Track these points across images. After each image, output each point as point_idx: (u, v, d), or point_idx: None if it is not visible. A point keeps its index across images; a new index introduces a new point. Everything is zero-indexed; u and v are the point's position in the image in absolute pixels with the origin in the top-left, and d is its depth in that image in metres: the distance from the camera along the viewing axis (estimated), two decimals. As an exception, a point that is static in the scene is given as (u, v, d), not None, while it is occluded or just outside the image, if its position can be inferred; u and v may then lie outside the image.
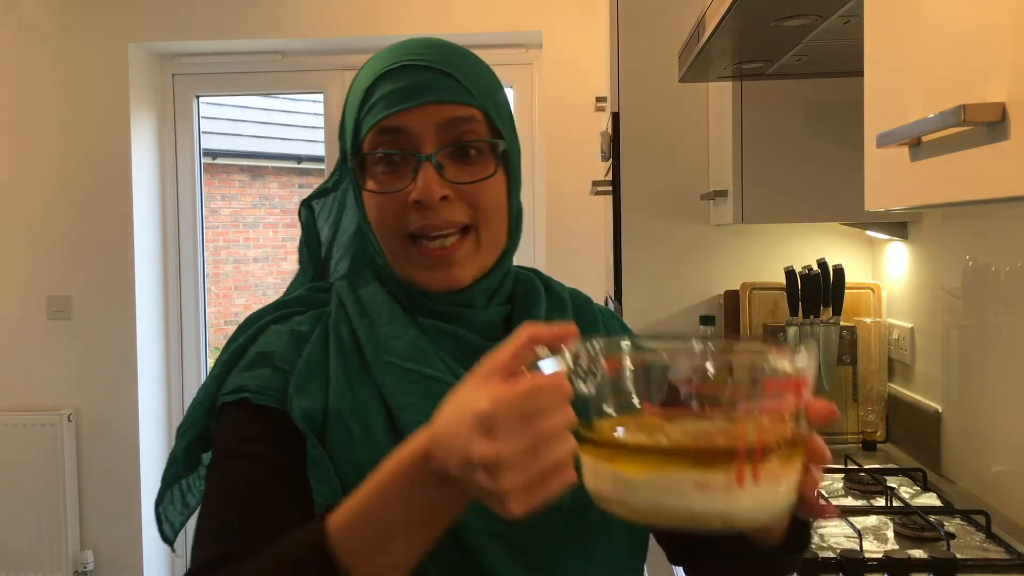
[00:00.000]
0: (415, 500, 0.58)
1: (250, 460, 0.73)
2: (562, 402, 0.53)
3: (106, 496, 3.19)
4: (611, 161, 2.22)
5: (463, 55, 0.81)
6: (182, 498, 0.91)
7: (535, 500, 0.53)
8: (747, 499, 0.52)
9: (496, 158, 0.80)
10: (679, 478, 0.51)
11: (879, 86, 0.87)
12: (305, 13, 3.08)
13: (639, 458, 0.53)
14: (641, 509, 0.53)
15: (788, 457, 0.53)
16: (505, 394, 0.53)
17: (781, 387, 0.53)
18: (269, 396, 0.75)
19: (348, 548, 0.59)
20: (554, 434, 0.52)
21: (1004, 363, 1.53)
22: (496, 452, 0.51)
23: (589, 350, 0.55)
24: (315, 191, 0.91)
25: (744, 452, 0.51)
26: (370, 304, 0.81)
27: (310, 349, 0.78)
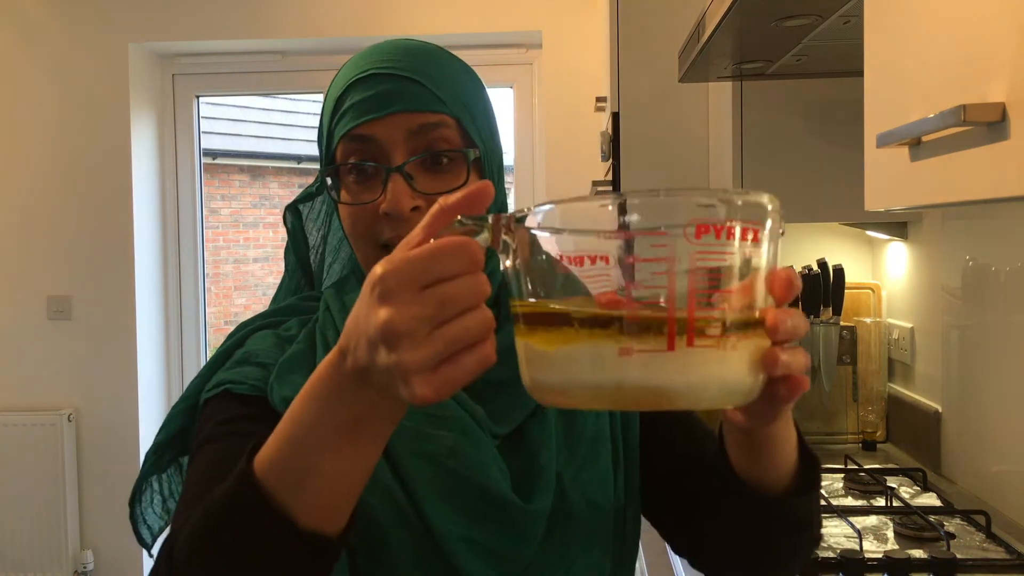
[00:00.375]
0: (336, 408, 0.53)
1: (234, 436, 0.72)
2: (468, 266, 0.47)
3: (106, 496, 3.19)
4: (611, 161, 2.22)
5: (436, 59, 0.79)
6: (163, 503, 0.90)
7: (445, 380, 0.47)
8: (682, 367, 0.45)
9: (468, 166, 0.77)
10: (599, 346, 0.45)
11: (879, 86, 0.87)
12: (305, 13, 3.08)
13: (557, 329, 0.47)
14: (563, 387, 0.48)
15: (736, 324, 0.46)
16: (400, 256, 0.47)
17: (728, 234, 0.45)
18: (250, 386, 0.75)
19: (276, 473, 0.54)
20: (459, 300, 0.47)
21: (1004, 363, 1.53)
22: (389, 319, 0.46)
23: (511, 218, 0.49)
24: (300, 195, 0.91)
25: (673, 310, 0.44)
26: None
27: (295, 347, 0.79)
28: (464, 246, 0.47)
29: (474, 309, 0.47)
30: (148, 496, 0.89)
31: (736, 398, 0.48)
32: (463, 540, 0.71)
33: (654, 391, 0.46)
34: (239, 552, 0.55)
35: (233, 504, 0.55)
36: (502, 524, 0.72)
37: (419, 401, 0.47)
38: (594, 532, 0.77)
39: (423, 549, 0.71)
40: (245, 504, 0.54)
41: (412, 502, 0.72)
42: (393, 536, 0.71)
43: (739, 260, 0.46)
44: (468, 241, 0.47)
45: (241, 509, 0.55)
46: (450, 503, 0.72)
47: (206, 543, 0.56)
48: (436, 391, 0.47)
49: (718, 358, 0.46)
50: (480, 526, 0.72)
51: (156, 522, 0.90)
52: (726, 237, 0.45)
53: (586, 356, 0.46)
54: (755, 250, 0.47)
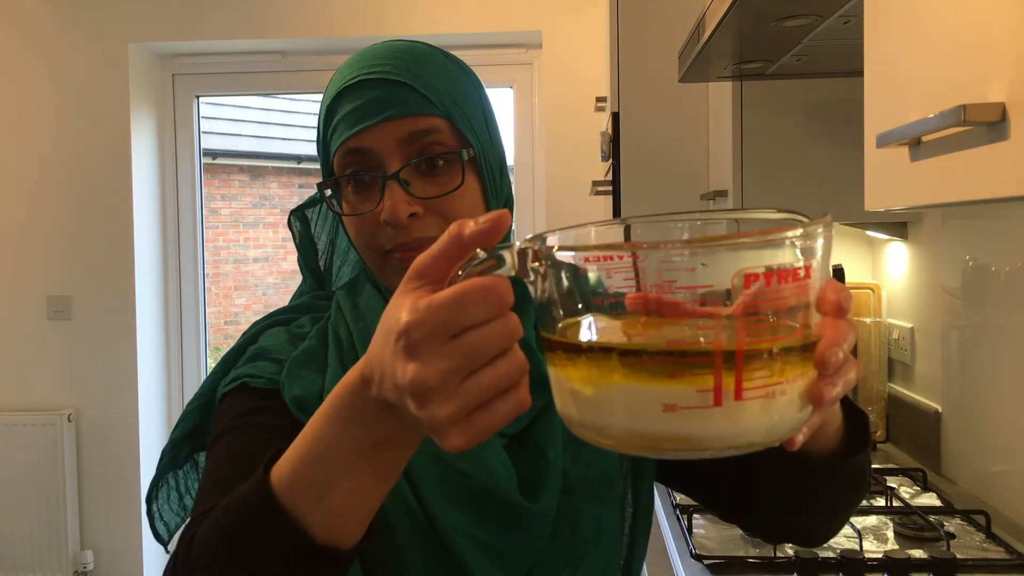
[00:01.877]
0: (358, 431, 0.52)
1: (251, 427, 0.73)
2: (497, 309, 0.44)
3: (106, 496, 3.19)
4: (611, 161, 2.22)
5: (425, 59, 0.78)
6: (179, 499, 0.91)
7: (478, 430, 0.45)
8: (728, 420, 0.42)
9: (463, 166, 0.77)
10: (640, 396, 0.42)
11: (879, 86, 0.87)
12: (305, 13, 3.08)
13: (594, 369, 0.43)
14: (598, 429, 0.45)
15: (786, 365, 0.43)
16: (425, 304, 0.44)
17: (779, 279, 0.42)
18: (266, 380, 0.76)
19: (293, 487, 0.54)
20: (489, 348, 0.44)
21: (1004, 363, 1.53)
22: (417, 375, 0.44)
23: (537, 244, 0.45)
24: (307, 201, 0.91)
25: (720, 360, 0.41)
26: (366, 309, 0.81)
27: (307, 343, 0.79)
28: (491, 289, 0.44)
29: (506, 353, 0.45)
30: (164, 492, 0.90)
31: (781, 436, 0.45)
32: (470, 539, 0.71)
33: (697, 443, 0.43)
34: (254, 562, 0.55)
35: (250, 515, 0.55)
36: (509, 524, 0.73)
37: (452, 450, 0.45)
38: (600, 530, 0.77)
39: (431, 548, 0.72)
40: (262, 516, 0.54)
41: (420, 502, 0.72)
42: (401, 535, 0.72)
43: (791, 302, 0.43)
44: (495, 283, 0.44)
45: (258, 521, 0.55)
46: (458, 503, 0.72)
47: (222, 549, 0.56)
48: (469, 440, 0.45)
49: (765, 406, 0.43)
50: (487, 526, 0.72)
51: (172, 518, 0.91)
52: (777, 282, 0.42)
53: (624, 404, 0.43)
54: (806, 286, 0.43)
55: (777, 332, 0.43)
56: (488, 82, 3.85)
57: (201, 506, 0.67)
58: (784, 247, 0.42)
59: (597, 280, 0.45)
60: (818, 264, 0.44)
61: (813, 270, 0.43)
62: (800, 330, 0.44)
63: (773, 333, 0.42)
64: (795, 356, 0.44)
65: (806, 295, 0.44)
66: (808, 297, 0.44)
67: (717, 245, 0.43)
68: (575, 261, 0.45)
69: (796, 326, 0.44)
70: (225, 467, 0.71)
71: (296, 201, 0.90)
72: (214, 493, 0.67)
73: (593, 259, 0.44)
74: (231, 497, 0.58)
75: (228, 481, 0.67)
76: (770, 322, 0.42)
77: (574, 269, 0.45)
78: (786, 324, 0.43)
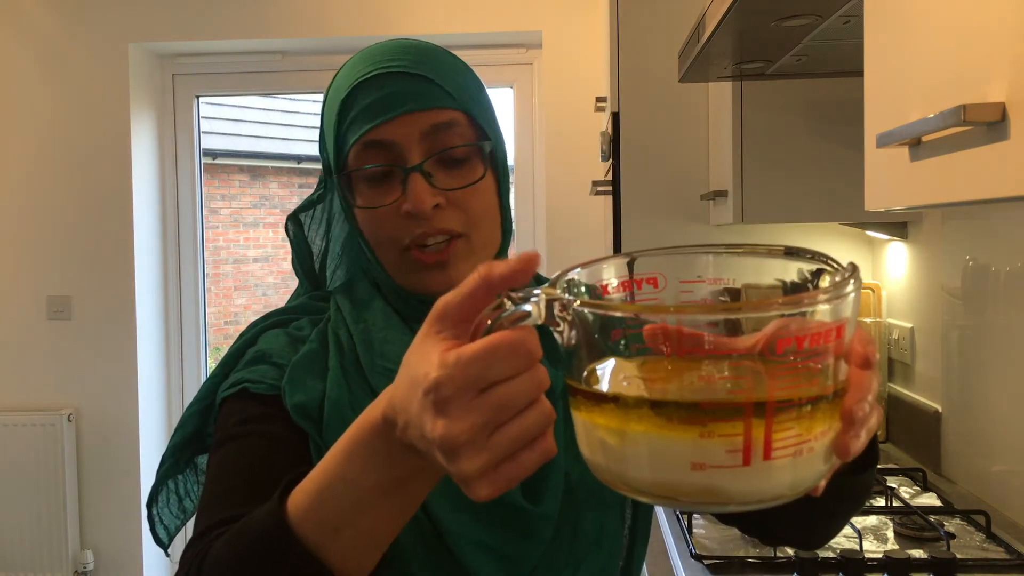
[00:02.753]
0: (380, 470, 0.52)
1: (253, 435, 0.73)
2: (526, 363, 0.45)
3: (106, 496, 3.19)
4: (611, 161, 2.22)
5: (439, 56, 0.79)
6: (179, 502, 0.90)
7: (505, 479, 0.45)
8: (755, 479, 0.42)
9: (483, 160, 0.78)
10: (667, 451, 0.42)
11: (879, 86, 0.87)
12: (305, 13, 3.08)
13: (621, 420, 0.43)
14: (621, 479, 0.45)
15: (814, 422, 0.43)
16: (454, 360, 0.44)
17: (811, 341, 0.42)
18: (267, 385, 0.76)
19: (310, 520, 0.54)
20: (518, 402, 0.45)
21: (1004, 363, 1.53)
22: (448, 431, 0.44)
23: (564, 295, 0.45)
24: (302, 204, 0.90)
25: (750, 420, 0.41)
26: (366, 311, 0.81)
27: (307, 347, 0.79)
28: (520, 344, 0.44)
29: (533, 404, 0.45)
30: (164, 496, 0.90)
31: (808, 487, 0.45)
32: (474, 542, 0.71)
33: (723, 498, 0.43)
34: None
35: (265, 543, 0.55)
36: (512, 527, 0.73)
37: (479, 499, 0.45)
38: (602, 531, 0.77)
39: (434, 551, 0.72)
40: (277, 546, 0.55)
41: (423, 505, 0.72)
42: (405, 539, 0.71)
43: (822, 361, 0.43)
44: (524, 338, 0.44)
45: (273, 550, 0.55)
46: (461, 506, 0.72)
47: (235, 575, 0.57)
48: (497, 491, 0.45)
49: (793, 463, 0.43)
50: (490, 529, 0.72)
51: (172, 522, 0.90)
52: (809, 345, 0.42)
53: (651, 457, 0.43)
54: (838, 344, 0.43)
55: (807, 391, 0.42)
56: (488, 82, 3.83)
57: (204, 520, 0.66)
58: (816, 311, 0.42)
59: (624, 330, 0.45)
60: (850, 319, 0.43)
61: (846, 327, 0.43)
62: (829, 386, 0.44)
63: (803, 393, 0.42)
64: (823, 411, 0.43)
65: (837, 351, 0.43)
66: (839, 352, 0.44)
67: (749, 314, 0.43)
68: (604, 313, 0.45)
69: (827, 383, 0.43)
70: (227, 478, 0.70)
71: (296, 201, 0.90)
72: (216, 505, 0.67)
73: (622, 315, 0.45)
74: (245, 523, 0.58)
75: (231, 494, 0.68)
76: (800, 383, 0.42)
77: (602, 320, 0.45)
78: (816, 383, 0.43)
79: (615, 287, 0.50)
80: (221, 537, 0.60)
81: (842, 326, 0.43)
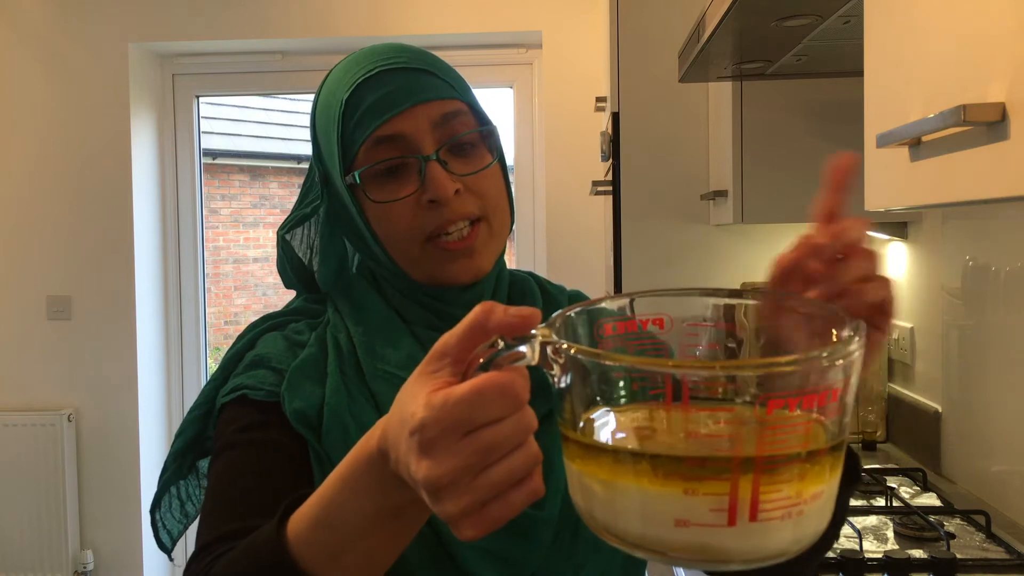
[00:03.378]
0: (377, 498, 0.52)
1: (253, 444, 0.73)
2: (513, 406, 0.44)
3: (106, 496, 3.19)
4: (611, 161, 2.22)
5: (432, 54, 0.82)
6: (181, 507, 0.90)
7: (491, 520, 0.45)
8: (742, 539, 0.41)
9: (489, 146, 0.80)
10: (653, 506, 0.41)
11: (879, 86, 0.87)
12: (305, 13, 3.08)
13: (608, 470, 0.43)
14: (610, 529, 0.44)
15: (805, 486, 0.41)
16: (441, 401, 0.44)
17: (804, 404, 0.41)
18: (266, 392, 0.76)
19: (309, 547, 0.55)
20: (504, 445, 0.44)
21: (1004, 363, 1.53)
22: (430, 473, 0.44)
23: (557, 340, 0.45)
24: (295, 221, 0.88)
25: (737, 480, 0.40)
26: (366, 314, 0.81)
27: (307, 351, 0.79)
28: (508, 387, 0.44)
29: (520, 447, 0.45)
30: (167, 501, 0.89)
31: (809, 543, 0.44)
32: (473, 547, 0.71)
33: (718, 557, 0.42)
34: None
35: (264, 571, 0.56)
36: (513, 531, 0.72)
37: (466, 539, 0.45)
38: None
39: (434, 556, 0.72)
40: (277, 573, 0.55)
41: None
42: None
43: (816, 420, 0.41)
44: (512, 381, 0.44)
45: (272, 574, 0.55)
46: None
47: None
48: (483, 531, 0.45)
49: (781, 526, 0.41)
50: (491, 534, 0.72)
51: (175, 527, 0.90)
52: (801, 408, 0.40)
53: (636, 510, 0.42)
54: (835, 407, 0.42)
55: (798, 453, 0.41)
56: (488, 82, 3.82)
57: (207, 532, 0.67)
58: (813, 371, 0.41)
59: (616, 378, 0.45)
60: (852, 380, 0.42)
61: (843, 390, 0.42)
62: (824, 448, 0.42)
63: (794, 454, 0.41)
64: (816, 472, 0.42)
65: (838, 411, 0.42)
66: (839, 412, 0.42)
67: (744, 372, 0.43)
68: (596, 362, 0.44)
69: (822, 441, 0.42)
70: (226, 489, 0.70)
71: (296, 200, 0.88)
72: (218, 517, 0.67)
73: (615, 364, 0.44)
74: (244, 547, 0.58)
75: (231, 505, 0.68)
76: (792, 443, 0.41)
77: (594, 368, 0.45)
78: (808, 444, 0.41)
79: (618, 329, 0.49)
80: (221, 558, 0.60)
81: (840, 388, 0.41)
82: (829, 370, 0.41)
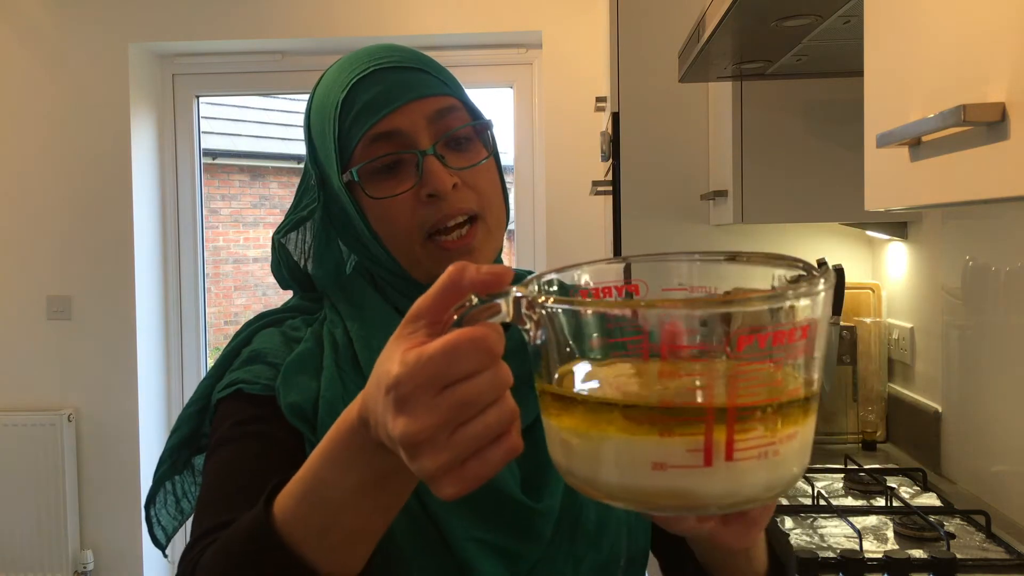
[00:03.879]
0: (360, 469, 0.52)
1: (249, 438, 0.73)
2: (487, 360, 0.44)
3: (106, 496, 3.19)
4: (611, 161, 2.22)
5: (423, 54, 0.83)
6: (176, 503, 0.91)
7: (471, 478, 0.45)
8: (719, 480, 0.41)
9: (484, 141, 0.81)
10: (629, 451, 0.42)
11: (879, 86, 0.87)
12: (305, 13, 3.08)
13: (585, 421, 0.43)
14: (590, 481, 0.44)
15: (780, 424, 0.42)
16: (415, 358, 0.44)
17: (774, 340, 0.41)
18: (262, 386, 0.76)
19: (296, 524, 0.54)
20: (479, 400, 0.44)
21: (1004, 363, 1.53)
22: (407, 429, 0.44)
23: (532, 293, 0.45)
24: (291, 224, 0.89)
25: (711, 420, 0.41)
26: (363, 310, 0.81)
27: (302, 346, 0.79)
28: (480, 341, 0.44)
29: (496, 402, 0.45)
30: (162, 497, 0.90)
31: (782, 490, 0.45)
32: (472, 539, 0.71)
33: (689, 502, 0.42)
34: None
35: (252, 549, 0.56)
36: (512, 523, 0.73)
37: (446, 499, 0.45)
38: (602, 531, 0.77)
39: (432, 548, 0.72)
40: (264, 551, 0.55)
41: (421, 502, 0.72)
42: (402, 536, 0.71)
43: (788, 360, 0.43)
44: (485, 335, 0.44)
45: (260, 556, 0.55)
46: (460, 503, 0.72)
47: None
48: (463, 489, 0.45)
49: (759, 465, 0.42)
50: (490, 525, 0.72)
51: (170, 523, 0.91)
52: (771, 344, 0.41)
53: (614, 459, 0.43)
54: (806, 344, 0.43)
55: (771, 393, 0.42)
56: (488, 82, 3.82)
57: (201, 524, 0.67)
58: (784, 307, 0.42)
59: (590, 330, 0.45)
60: (819, 318, 0.43)
61: (811, 329, 0.43)
62: (797, 388, 0.43)
63: (767, 394, 0.42)
64: (791, 414, 0.43)
65: (807, 352, 0.43)
66: (808, 353, 0.43)
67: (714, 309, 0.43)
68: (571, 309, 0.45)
69: (794, 384, 0.43)
70: (223, 483, 0.70)
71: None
72: (213, 510, 0.67)
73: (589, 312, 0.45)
74: (233, 529, 0.58)
75: (227, 497, 0.68)
76: (764, 382, 0.42)
77: (568, 319, 0.45)
78: (780, 384, 0.42)
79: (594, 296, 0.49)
80: (211, 547, 0.61)
81: (807, 327, 0.42)
82: (797, 308, 0.42)
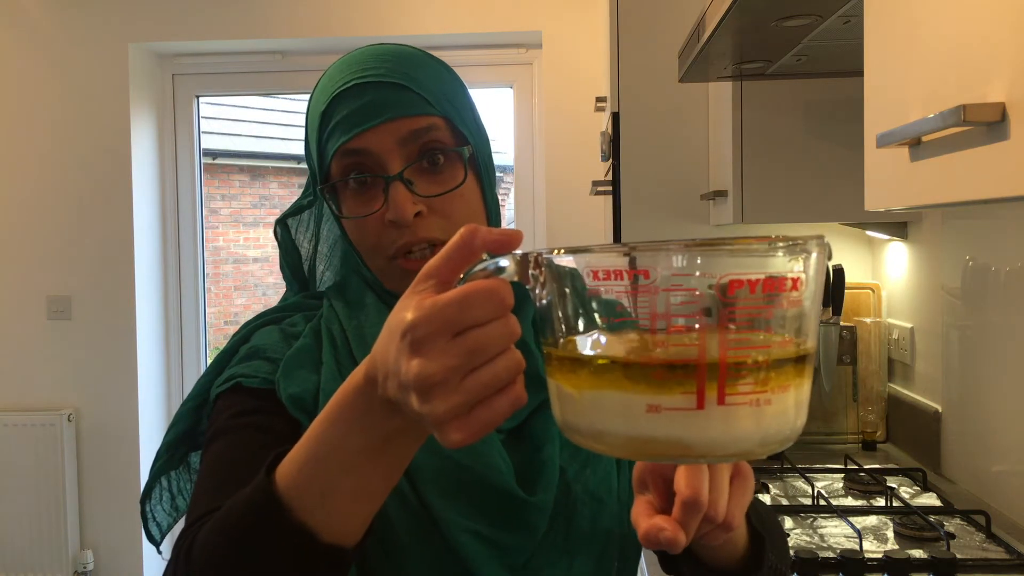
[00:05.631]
0: (363, 431, 0.53)
1: (247, 428, 0.73)
2: (499, 310, 0.47)
3: (106, 496, 3.19)
4: (611, 161, 2.22)
5: (417, 61, 0.80)
6: (172, 500, 0.91)
7: (478, 424, 0.47)
8: (713, 425, 0.43)
9: (464, 164, 0.79)
10: (627, 399, 0.44)
11: (879, 86, 0.87)
12: (305, 13, 3.08)
13: (585, 376, 0.46)
14: (591, 433, 0.47)
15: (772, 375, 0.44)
16: (431, 303, 0.46)
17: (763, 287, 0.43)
18: (261, 379, 0.76)
19: (298, 488, 0.55)
20: (490, 347, 0.46)
21: (1004, 363, 1.53)
22: (422, 370, 0.45)
23: (540, 254, 0.47)
24: (290, 209, 0.91)
25: (704, 365, 0.43)
26: (360, 310, 0.82)
27: (301, 341, 0.80)
28: (494, 291, 0.46)
29: (504, 352, 0.47)
30: (157, 493, 0.90)
31: (776, 447, 0.46)
32: (468, 532, 0.72)
33: (685, 447, 0.44)
34: (257, 562, 0.55)
35: (254, 515, 0.55)
36: (506, 516, 0.73)
37: (452, 445, 0.47)
38: (596, 526, 0.78)
39: (429, 540, 0.72)
40: (266, 516, 0.55)
41: (418, 494, 0.73)
42: (400, 528, 0.72)
43: (778, 312, 0.44)
44: (498, 286, 0.47)
45: (262, 521, 0.55)
46: (456, 495, 0.73)
47: (225, 551, 0.57)
48: (470, 435, 0.47)
49: (751, 413, 0.44)
50: (485, 518, 0.73)
51: (165, 519, 0.91)
52: (761, 291, 0.43)
53: (613, 408, 0.45)
54: (795, 297, 0.44)
55: (763, 340, 0.44)
56: (488, 82, 3.81)
57: (197, 510, 0.66)
58: (776, 256, 0.44)
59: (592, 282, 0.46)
60: (810, 278, 0.45)
61: (802, 282, 0.44)
62: (788, 341, 0.45)
63: (758, 341, 0.44)
64: (783, 367, 0.44)
65: (796, 306, 0.45)
66: (798, 308, 0.45)
67: (709, 248, 0.45)
68: (575, 265, 0.47)
69: (785, 337, 0.45)
70: (220, 470, 0.71)
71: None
72: (209, 496, 0.67)
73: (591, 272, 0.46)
74: (234, 500, 0.58)
75: (224, 485, 0.67)
76: (756, 329, 0.44)
77: (572, 278, 0.47)
78: (772, 333, 0.44)
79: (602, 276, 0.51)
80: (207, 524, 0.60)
81: (798, 280, 0.44)
82: (789, 259, 0.44)
